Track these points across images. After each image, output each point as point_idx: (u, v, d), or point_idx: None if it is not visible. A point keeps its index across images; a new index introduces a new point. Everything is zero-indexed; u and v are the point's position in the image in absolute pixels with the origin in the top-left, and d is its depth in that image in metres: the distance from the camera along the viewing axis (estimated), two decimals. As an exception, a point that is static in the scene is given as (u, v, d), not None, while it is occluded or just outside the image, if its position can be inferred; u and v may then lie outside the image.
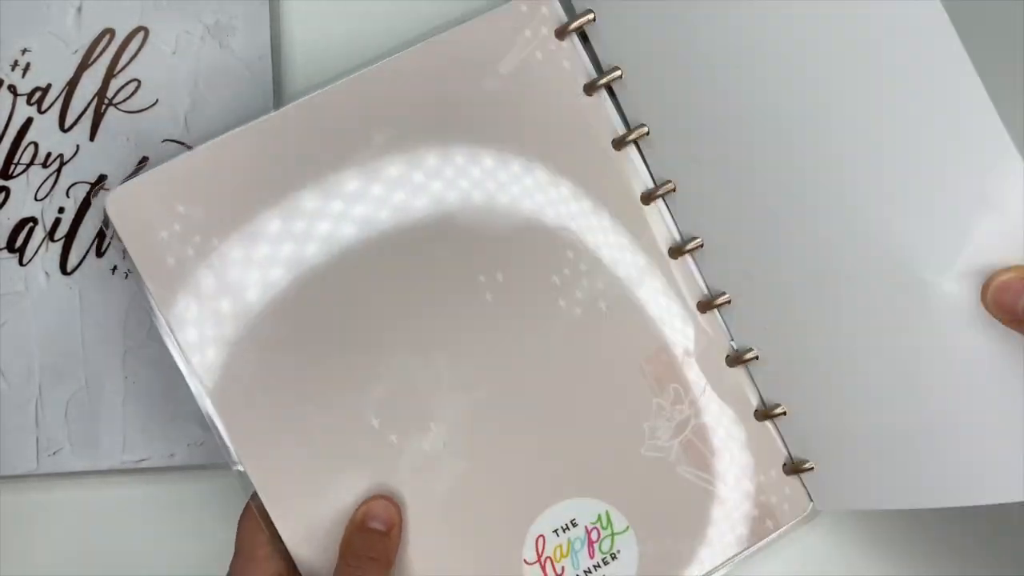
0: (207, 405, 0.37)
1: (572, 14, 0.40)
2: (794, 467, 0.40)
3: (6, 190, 0.41)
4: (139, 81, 0.42)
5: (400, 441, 0.38)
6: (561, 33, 0.40)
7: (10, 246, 0.41)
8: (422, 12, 0.44)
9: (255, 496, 0.37)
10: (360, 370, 0.38)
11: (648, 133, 0.39)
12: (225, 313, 0.37)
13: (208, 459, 0.41)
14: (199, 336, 0.37)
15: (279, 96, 0.43)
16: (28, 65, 0.41)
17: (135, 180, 0.37)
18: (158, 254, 0.37)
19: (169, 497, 0.42)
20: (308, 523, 0.37)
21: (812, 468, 0.39)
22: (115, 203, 0.37)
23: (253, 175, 0.37)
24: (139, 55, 0.42)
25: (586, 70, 0.40)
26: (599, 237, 0.40)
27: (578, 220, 0.39)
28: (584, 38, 0.40)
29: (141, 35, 0.42)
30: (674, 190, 0.39)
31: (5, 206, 0.41)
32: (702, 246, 0.39)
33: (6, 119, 0.41)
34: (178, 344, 0.37)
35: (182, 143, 0.41)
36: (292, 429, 0.37)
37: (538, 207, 0.39)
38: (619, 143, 0.40)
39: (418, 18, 0.44)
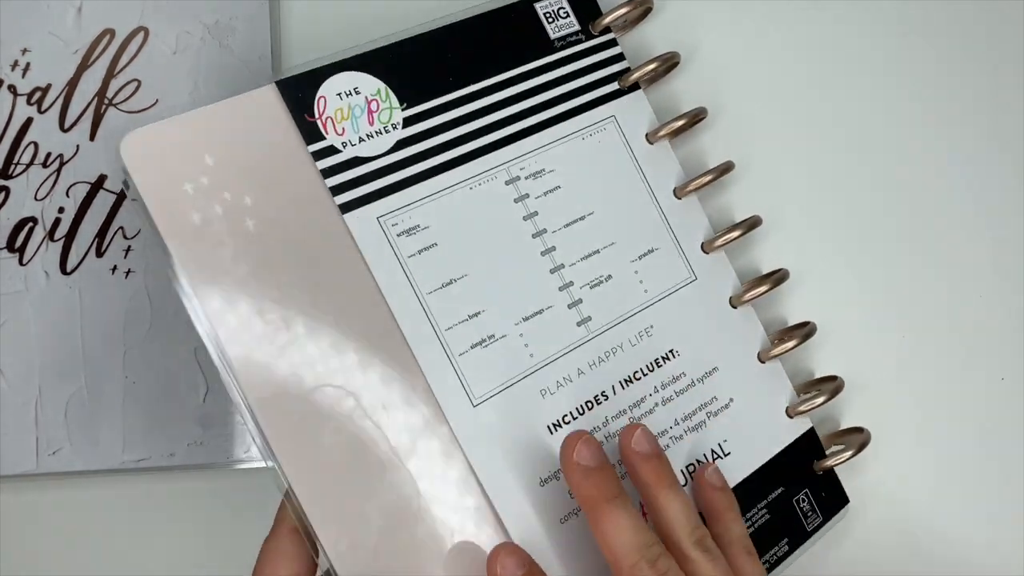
0: (233, 385, 0.32)
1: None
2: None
3: (6, 190, 0.41)
4: (139, 81, 0.42)
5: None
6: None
7: (10, 246, 0.41)
8: (421, 12, 0.44)
9: (284, 505, 0.33)
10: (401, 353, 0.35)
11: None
12: (255, 282, 0.32)
13: (208, 459, 0.41)
14: (226, 305, 0.32)
15: (279, 96, 0.43)
16: (28, 65, 0.41)
17: (157, 124, 0.32)
18: (181, 209, 0.32)
19: (169, 497, 0.42)
20: (353, 529, 0.32)
21: None
22: (131, 147, 0.31)
23: (287, 132, 0.34)
24: (139, 55, 0.42)
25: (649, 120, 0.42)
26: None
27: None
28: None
29: (141, 35, 0.42)
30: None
31: (5, 206, 0.41)
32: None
33: (6, 119, 0.41)
34: (202, 313, 0.32)
35: (182, 143, 0.42)
36: (331, 418, 0.33)
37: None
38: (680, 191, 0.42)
39: (418, 18, 0.44)
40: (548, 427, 0.36)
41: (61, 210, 0.41)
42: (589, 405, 0.37)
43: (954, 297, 0.45)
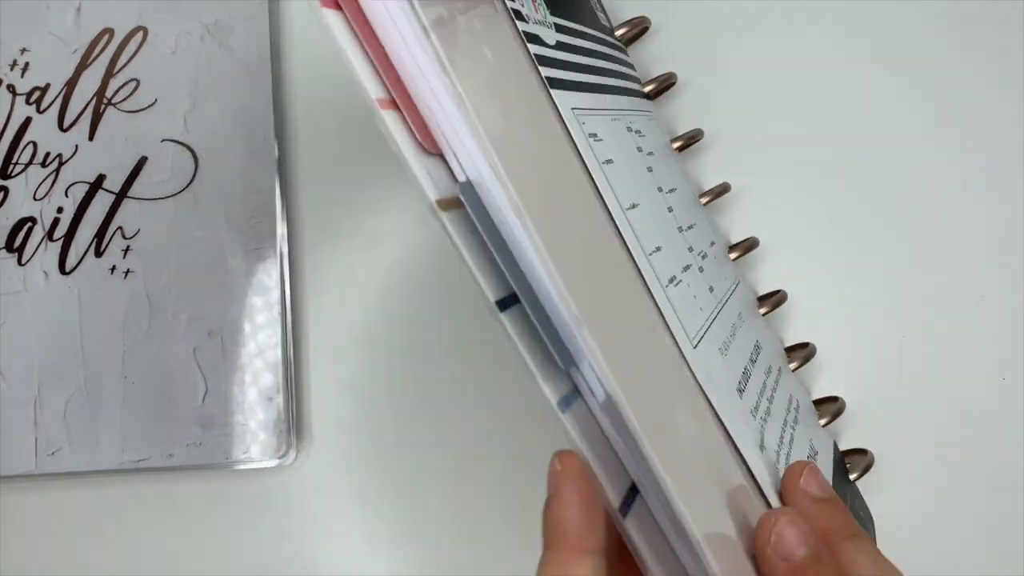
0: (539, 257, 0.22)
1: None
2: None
3: (5, 190, 0.41)
4: (138, 81, 0.42)
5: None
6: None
7: (9, 246, 0.41)
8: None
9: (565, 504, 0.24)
10: None
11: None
12: (507, 124, 0.23)
13: (207, 459, 0.41)
14: (504, 124, 0.23)
15: (279, 96, 0.42)
16: (27, 65, 0.41)
17: None
18: None
19: (168, 498, 0.42)
20: (690, 475, 0.24)
21: None
22: None
23: None
24: (138, 55, 0.42)
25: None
26: None
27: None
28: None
29: (140, 35, 0.42)
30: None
31: (4, 206, 0.41)
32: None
33: (5, 118, 0.41)
34: (461, 96, 0.22)
35: (182, 143, 0.41)
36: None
37: None
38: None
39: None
40: (736, 391, 0.30)
41: (60, 210, 0.41)
42: (744, 379, 0.31)
43: (954, 298, 0.45)
